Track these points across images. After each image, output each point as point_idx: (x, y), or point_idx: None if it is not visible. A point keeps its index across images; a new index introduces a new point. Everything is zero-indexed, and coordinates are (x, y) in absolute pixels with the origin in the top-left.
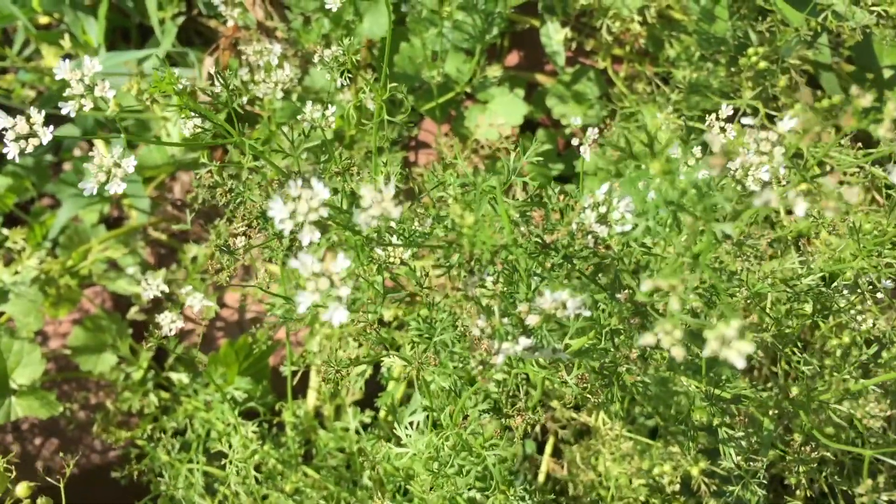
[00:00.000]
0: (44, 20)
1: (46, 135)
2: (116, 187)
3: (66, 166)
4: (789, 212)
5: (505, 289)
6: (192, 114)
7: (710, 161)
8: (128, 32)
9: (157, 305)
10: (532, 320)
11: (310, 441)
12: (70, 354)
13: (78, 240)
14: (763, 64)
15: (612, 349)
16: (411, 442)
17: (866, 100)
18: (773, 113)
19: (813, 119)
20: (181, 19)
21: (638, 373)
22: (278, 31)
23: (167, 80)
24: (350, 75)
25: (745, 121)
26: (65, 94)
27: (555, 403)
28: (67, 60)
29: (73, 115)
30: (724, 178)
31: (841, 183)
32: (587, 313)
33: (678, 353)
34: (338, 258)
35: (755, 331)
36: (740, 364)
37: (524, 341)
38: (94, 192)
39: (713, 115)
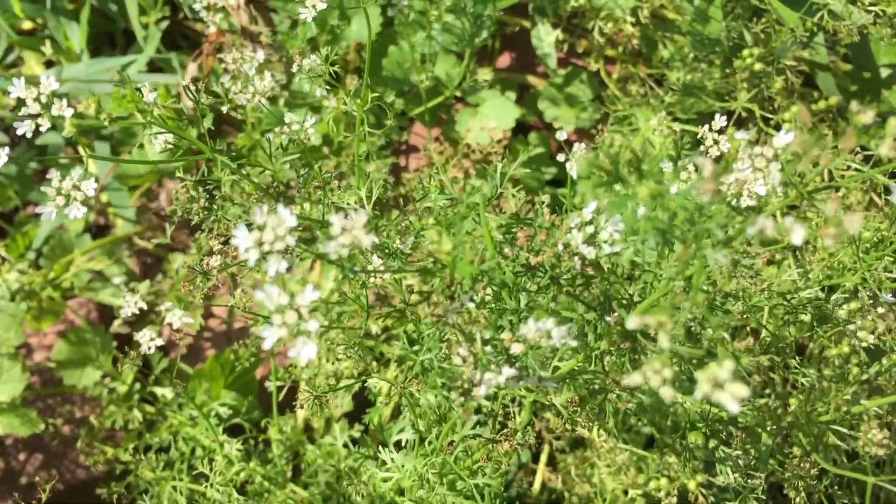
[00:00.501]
0: (27, 25)
1: (2, 157)
2: (76, 212)
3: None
4: (786, 215)
5: (493, 305)
6: (162, 129)
7: (702, 186)
8: (113, 37)
9: (142, 316)
10: (517, 349)
11: (298, 455)
12: (54, 368)
13: (62, 250)
14: (758, 65)
15: (603, 373)
16: (396, 466)
17: (867, 116)
18: (769, 115)
19: (810, 140)
20: (165, 24)
21: (628, 399)
22: (263, 35)
23: (128, 98)
24: (331, 85)
25: (739, 134)
26: (19, 114)
27: (548, 415)
28: (23, 79)
29: (29, 135)
30: (717, 202)
31: (837, 189)
32: (573, 343)
33: (667, 393)
34: (306, 289)
35: (751, 351)
36: (734, 409)
37: (508, 371)
38: (53, 217)
39: (706, 127)
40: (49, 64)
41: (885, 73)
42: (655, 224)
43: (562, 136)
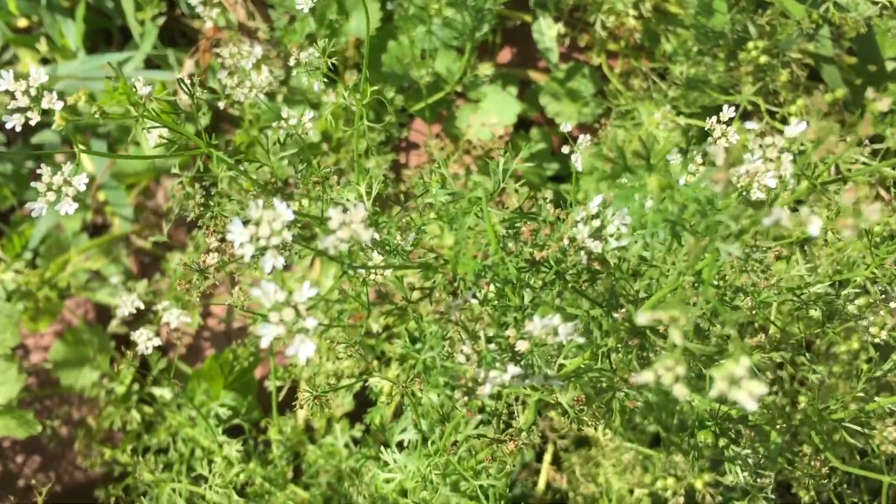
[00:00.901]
0: (22, 23)
1: None
2: (67, 207)
3: None
4: (794, 209)
5: (497, 302)
6: (156, 123)
7: (713, 176)
8: (110, 34)
9: (141, 315)
10: (522, 346)
11: (299, 455)
12: (51, 369)
13: (58, 249)
14: (763, 58)
15: (609, 371)
16: (399, 466)
17: (884, 103)
18: (774, 109)
19: (827, 128)
20: (162, 20)
21: (636, 397)
22: (260, 31)
23: (120, 91)
24: (329, 79)
25: (749, 124)
26: (9, 108)
27: (553, 414)
28: (11, 71)
29: (18, 129)
30: (729, 192)
31: (845, 182)
32: (580, 340)
33: (681, 391)
34: (303, 286)
35: (761, 348)
36: (752, 407)
37: (513, 369)
38: (43, 213)
39: (714, 119)
40: (44, 62)
41: (890, 66)
42: (665, 216)
43: (566, 128)
